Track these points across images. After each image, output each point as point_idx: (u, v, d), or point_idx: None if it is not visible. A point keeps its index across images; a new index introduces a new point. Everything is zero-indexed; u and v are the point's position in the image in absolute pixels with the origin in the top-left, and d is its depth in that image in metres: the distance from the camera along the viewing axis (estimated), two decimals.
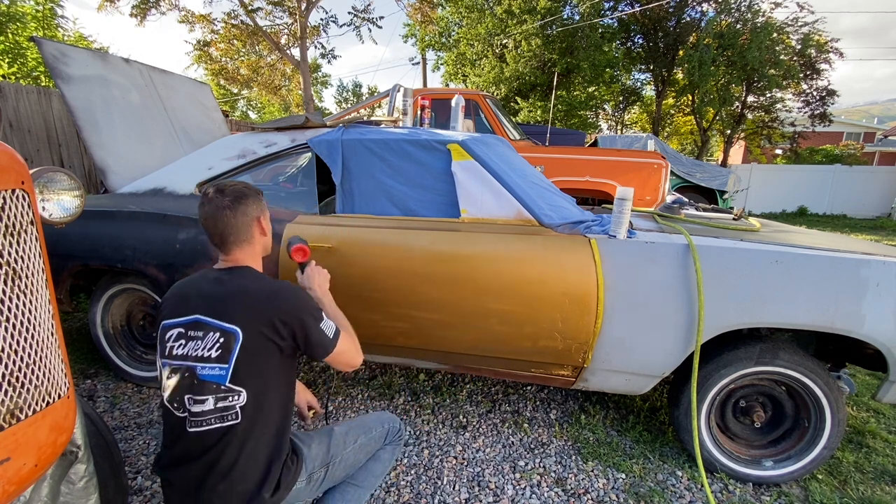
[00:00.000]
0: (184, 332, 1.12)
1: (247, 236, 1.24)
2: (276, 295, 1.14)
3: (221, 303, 1.11)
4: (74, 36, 11.71)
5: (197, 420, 1.07)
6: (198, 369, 1.08)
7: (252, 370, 1.09)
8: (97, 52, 2.80)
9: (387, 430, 1.39)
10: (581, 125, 16.09)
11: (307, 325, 1.14)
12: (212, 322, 1.10)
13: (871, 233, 9.40)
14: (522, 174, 2.07)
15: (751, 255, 1.63)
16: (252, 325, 1.09)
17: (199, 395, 1.07)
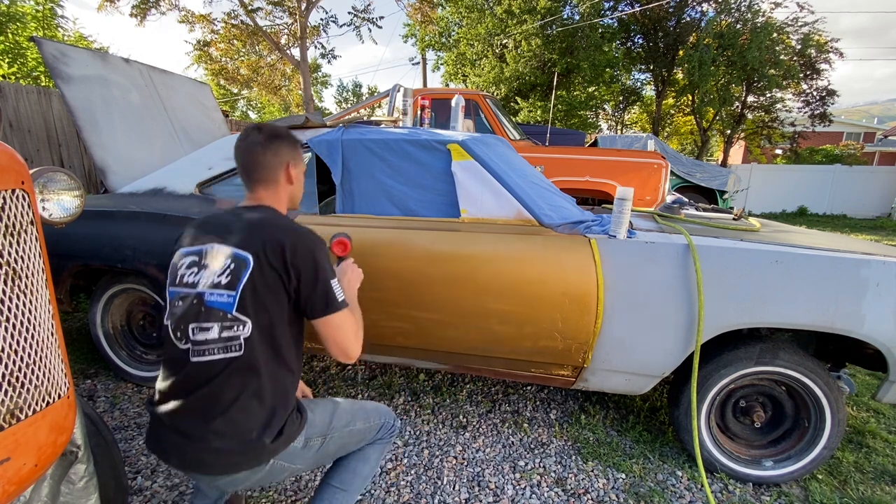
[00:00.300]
0: (197, 260, 1.11)
1: (272, 177, 1.22)
2: (294, 232, 1.11)
3: (237, 231, 1.10)
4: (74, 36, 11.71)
5: (200, 349, 1.05)
6: (206, 295, 1.07)
7: (258, 303, 1.06)
8: (97, 52, 2.80)
9: (381, 424, 1.33)
10: (581, 125, 16.10)
11: (318, 269, 1.09)
12: (224, 248, 1.09)
13: (871, 233, 9.40)
14: (522, 174, 2.07)
15: (751, 255, 1.63)
16: (264, 254, 1.06)
17: (205, 323, 1.05)
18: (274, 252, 1.06)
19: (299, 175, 1.29)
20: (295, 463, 1.14)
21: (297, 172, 1.28)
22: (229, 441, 1.03)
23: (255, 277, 1.05)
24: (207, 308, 1.06)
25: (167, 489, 1.68)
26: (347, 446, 1.26)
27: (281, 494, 1.67)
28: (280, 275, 1.07)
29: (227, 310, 1.05)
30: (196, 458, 1.04)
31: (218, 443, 1.02)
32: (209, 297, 1.06)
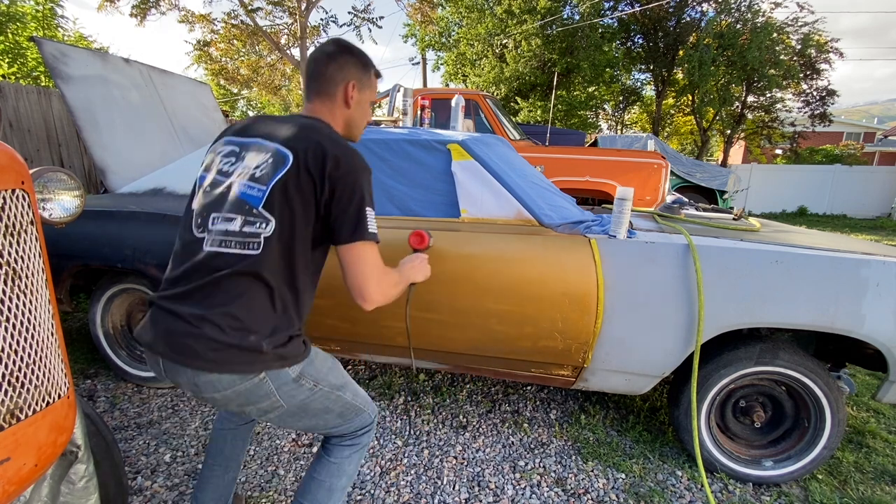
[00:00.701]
0: (237, 150, 1.09)
1: (329, 90, 1.15)
2: (341, 146, 1.05)
3: (286, 130, 1.07)
4: (74, 36, 11.71)
5: (217, 240, 1.02)
6: (236, 186, 1.04)
7: (286, 205, 1.01)
8: (97, 52, 2.80)
9: (365, 413, 1.23)
10: (581, 125, 16.09)
11: (355, 190, 1.02)
12: (268, 143, 1.05)
13: (871, 233, 9.40)
14: (522, 174, 2.07)
15: (751, 255, 1.63)
16: (304, 157, 1.01)
17: (229, 213, 1.02)
18: (315, 158, 1.01)
19: (361, 101, 1.20)
20: (279, 395, 1.04)
21: (359, 98, 1.19)
22: (225, 335, 0.97)
23: (289, 177, 1.01)
24: (236, 199, 1.03)
25: (167, 489, 1.68)
26: (327, 418, 1.15)
27: (281, 495, 1.67)
28: (315, 183, 1.01)
29: (253, 204, 1.01)
30: (184, 343, 0.97)
31: (213, 333, 0.96)
32: (240, 188, 1.04)
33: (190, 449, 1.91)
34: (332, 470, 1.21)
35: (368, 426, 1.26)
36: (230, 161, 1.09)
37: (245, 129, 1.14)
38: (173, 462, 1.83)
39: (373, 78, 1.22)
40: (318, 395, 1.11)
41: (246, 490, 1.68)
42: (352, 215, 1.03)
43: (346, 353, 2.09)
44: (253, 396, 1.03)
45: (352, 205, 1.03)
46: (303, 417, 1.12)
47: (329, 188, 1.01)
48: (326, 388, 1.13)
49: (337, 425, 1.19)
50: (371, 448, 1.94)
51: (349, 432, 1.22)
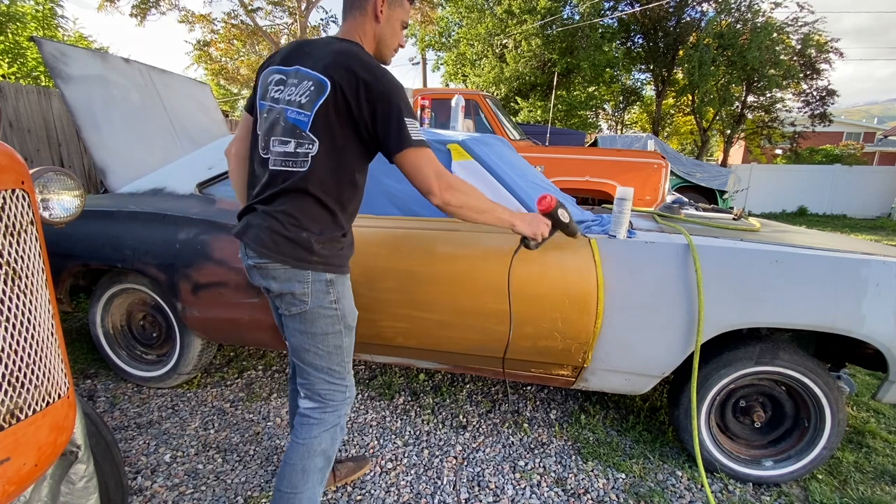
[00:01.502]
0: (284, 78, 1.21)
1: (361, 4, 1.23)
2: (372, 70, 1.13)
3: (322, 57, 1.16)
4: (74, 36, 11.71)
5: (278, 160, 1.19)
6: (287, 112, 1.18)
7: (329, 127, 1.15)
8: (97, 52, 2.80)
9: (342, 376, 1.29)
10: (581, 125, 16.09)
11: (391, 107, 1.12)
12: (309, 72, 1.16)
13: (871, 233, 9.40)
14: (522, 174, 2.07)
15: (751, 255, 1.63)
16: (340, 83, 1.12)
17: (283, 137, 1.18)
18: (350, 84, 1.11)
19: (391, 18, 1.26)
20: (311, 289, 1.20)
21: (389, 13, 1.25)
22: (284, 228, 1.17)
23: (329, 102, 1.13)
24: (287, 123, 1.17)
25: (167, 489, 1.68)
26: (318, 348, 1.25)
27: None
28: (351, 106, 1.13)
29: (302, 128, 1.16)
30: (256, 233, 1.21)
31: (275, 226, 1.18)
32: (289, 114, 1.17)
33: (190, 449, 1.91)
34: (302, 451, 1.26)
35: (338, 404, 1.30)
36: (280, 89, 1.21)
37: (288, 57, 1.24)
38: (173, 462, 1.83)
39: (406, 1, 1.29)
40: (331, 314, 1.24)
41: (246, 490, 1.69)
42: (393, 129, 1.13)
43: None
44: (293, 281, 1.20)
45: (391, 120, 1.13)
46: (308, 329, 1.24)
47: (369, 111, 1.13)
48: (339, 314, 1.26)
49: (317, 366, 1.27)
50: (371, 448, 1.94)
51: (316, 390, 1.28)
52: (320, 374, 1.27)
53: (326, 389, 1.28)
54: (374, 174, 1.96)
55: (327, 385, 1.28)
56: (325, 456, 1.28)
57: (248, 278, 1.34)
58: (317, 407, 1.28)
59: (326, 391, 1.28)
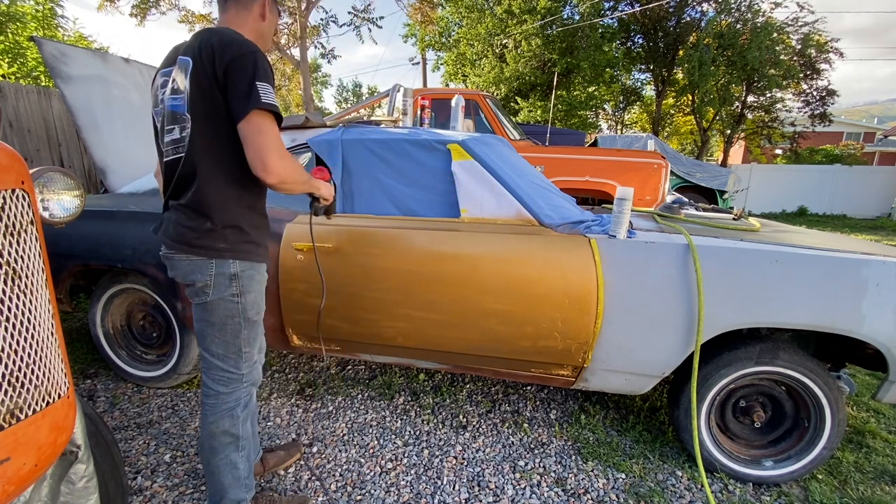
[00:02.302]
0: (167, 80, 1.25)
1: (243, 4, 1.28)
2: (228, 35, 1.15)
3: (191, 43, 1.19)
4: (74, 36, 11.70)
5: (168, 150, 1.24)
6: (167, 103, 1.23)
7: (199, 103, 1.16)
8: (97, 52, 2.80)
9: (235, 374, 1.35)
10: (581, 125, 16.08)
11: (243, 68, 1.11)
12: (181, 59, 1.19)
13: (871, 233, 9.40)
14: (522, 174, 2.07)
15: (751, 255, 1.63)
16: (199, 57, 1.14)
17: (169, 126, 1.23)
18: (208, 55, 1.13)
19: (270, 21, 1.35)
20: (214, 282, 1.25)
21: (271, 15, 1.35)
22: (188, 219, 1.22)
23: (195, 79, 1.15)
24: (169, 112, 1.22)
25: (167, 489, 1.68)
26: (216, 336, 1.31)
27: (281, 495, 1.67)
28: (210, 76, 1.13)
29: (180, 111, 1.19)
30: (166, 226, 1.27)
31: (181, 218, 1.23)
32: (169, 104, 1.22)
33: (190, 449, 1.91)
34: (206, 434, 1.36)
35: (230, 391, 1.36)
36: (164, 91, 1.26)
37: (168, 60, 1.29)
38: (173, 462, 1.83)
39: (276, 10, 1.38)
40: (232, 307, 1.29)
41: None
42: (242, 90, 1.12)
43: (346, 353, 2.09)
44: (196, 272, 1.25)
45: (242, 82, 1.12)
46: (208, 318, 1.30)
47: (222, 73, 1.13)
48: (240, 307, 1.30)
49: (213, 352, 1.33)
50: (371, 448, 1.94)
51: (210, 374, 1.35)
52: (215, 361, 1.34)
53: (219, 375, 1.35)
54: (374, 174, 1.96)
55: (221, 372, 1.35)
56: (229, 434, 1.37)
57: None
58: (210, 393, 1.36)
59: (219, 377, 1.35)
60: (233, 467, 1.38)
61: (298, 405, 2.25)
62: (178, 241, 1.24)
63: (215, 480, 1.39)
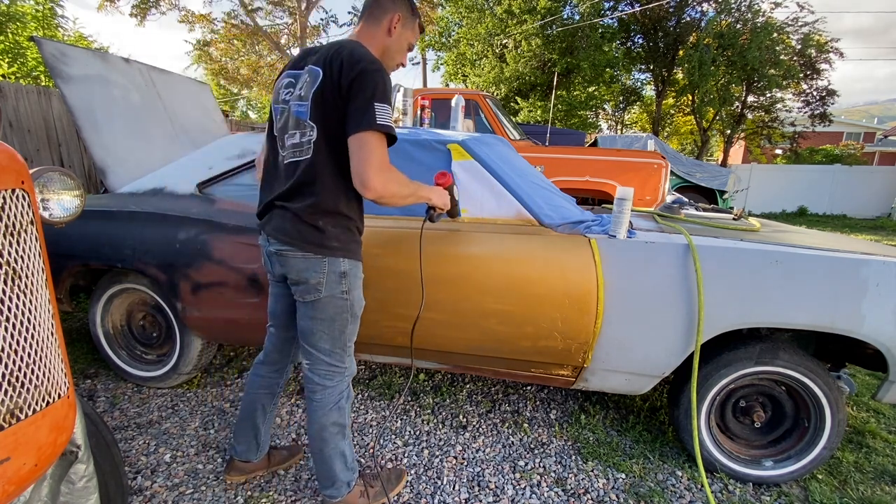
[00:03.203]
0: (293, 80, 1.31)
1: (375, 17, 1.33)
2: (359, 52, 1.21)
3: (323, 52, 1.26)
4: (74, 36, 11.70)
5: (288, 153, 1.29)
6: (292, 106, 1.28)
7: (324, 112, 1.22)
8: (97, 52, 2.80)
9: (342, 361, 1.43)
10: (581, 125, 16.08)
11: (364, 86, 1.16)
12: (310, 67, 1.26)
13: (871, 233, 9.40)
14: (522, 174, 2.07)
15: (751, 255, 1.63)
16: (329, 67, 1.20)
17: (292, 130, 1.28)
18: (338, 67, 1.19)
19: (401, 35, 1.37)
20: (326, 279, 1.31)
21: (402, 30, 1.36)
22: (303, 217, 1.27)
23: (321, 88, 1.21)
24: (293, 117, 1.28)
25: (167, 489, 1.68)
26: (323, 333, 1.37)
27: (281, 495, 1.67)
28: (336, 87, 1.19)
29: (303, 118, 1.25)
30: (278, 222, 1.31)
31: (294, 216, 1.28)
32: (293, 108, 1.28)
33: (190, 449, 1.91)
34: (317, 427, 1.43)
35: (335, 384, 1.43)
36: (289, 91, 1.32)
37: (296, 61, 1.35)
38: (173, 462, 1.83)
39: (417, 24, 1.41)
40: (341, 303, 1.36)
41: (246, 490, 1.69)
42: (360, 108, 1.17)
43: None
44: (310, 270, 1.30)
45: (362, 99, 1.17)
46: (318, 315, 1.35)
47: (346, 89, 1.18)
48: (349, 303, 1.37)
49: (321, 348, 1.39)
50: (371, 448, 1.94)
51: (317, 370, 1.41)
52: (322, 356, 1.40)
53: (326, 370, 1.42)
54: None
55: (327, 367, 1.41)
56: (336, 424, 1.44)
57: (268, 266, 1.44)
58: (318, 388, 1.42)
59: (325, 372, 1.42)
60: (341, 455, 1.48)
61: (298, 405, 2.25)
62: (293, 239, 1.28)
63: (327, 468, 1.47)
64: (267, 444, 1.71)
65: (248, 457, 1.67)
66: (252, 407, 1.62)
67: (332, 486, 1.50)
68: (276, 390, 1.64)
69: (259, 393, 1.62)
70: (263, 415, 1.64)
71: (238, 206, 2.08)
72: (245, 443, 1.65)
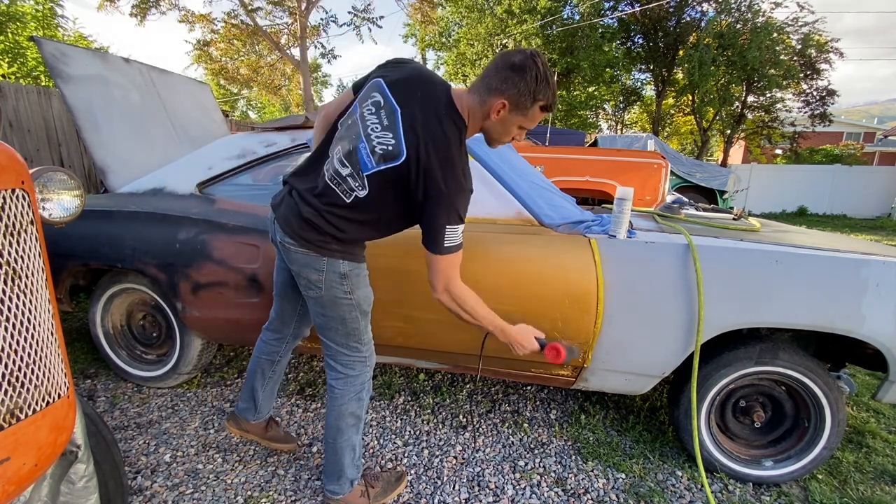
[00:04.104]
0: (381, 104, 1.22)
1: (483, 93, 1.18)
2: (448, 171, 1.16)
3: (419, 123, 1.17)
4: (74, 36, 11.71)
5: (331, 173, 1.27)
6: (360, 143, 1.22)
7: (383, 187, 1.21)
8: (97, 52, 2.80)
9: (360, 349, 1.45)
10: (581, 125, 16.10)
11: (440, 209, 1.17)
12: (399, 126, 1.18)
13: (871, 233, 9.40)
14: (522, 174, 2.07)
15: (751, 255, 1.63)
16: (413, 164, 1.16)
17: (346, 160, 1.24)
18: (420, 169, 1.15)
19: (506, 120, 1.20)
20: (325, 278, 1.31)
21: (507, 116, 1.19)
22: (311, 220, 1.27)
23: (394, 172, 1.18)
24: (355, 152, 1.23)
25: (167, 489, 1.68)
26: (338, 328, 1.39)
27: (281, 495, 1.67)
28: (411, 189, 1.18)
29: (363, 168, 1.21)
30: (286, 213, 1.33)
31: (305, 214, 1.28)
32: (360, 146, 1.22)
33: (190, 449, 1.91)
34: (335, 416, 1.46)
35: (357, 373, 1.46)
36: (372, 111, 1.23)
37: (399, 86, 1.23)
38: (173, 462, 1.83)
39: (535, 108, 1.19)
40: (346, 303, 1.36)
41: (246, 490, 1.69)
42: (431, 229, 1.20)
43: None
44: (310, 267, 1.31)
45: (435, 220, 1.18)
46: (327, 312, 1.38)
47: (422, 198, 1.18)
48: (354, 302, 1.37)
49: (337, 342, 1.42)
50: (371, 448, 1.94)
51: (338, 360, 1.44)
52: (340, 349, 1.44)
53: (346, 360, 1.45)
54: None
55: (346, 357, 1.45)
56: (354, 415, 1.47)
57: (272, 233, 1.44)
58: (339, 377, 1.46)
59: (347, 361, 1.45)
60: (352, 448, 1.50)
61: (298, 405, 2.26)
62: (294, 233, 1.30)
63: (337, 459, 1.49)
64: (265, 411, 1.78)
65: (246, 416, 1.77)
66: (254, 368, 1.71)
67: (337, 480, 1.52)
68: (275, 358, 1.70)
69: (261, 357, 1.70)
70: (262, 379, 1.71)
71: (238, 206, 2.08)
72: (246, 401, 1.76)
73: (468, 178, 1.21)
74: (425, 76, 1.26)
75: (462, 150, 1.22)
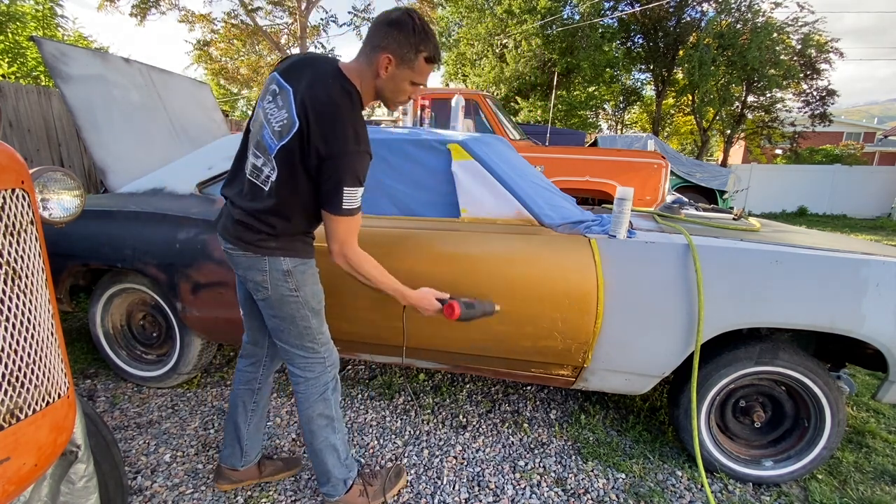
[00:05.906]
0: (277, 92, 1.25)
1: (366, 53, 1.22)
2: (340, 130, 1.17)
3: (308, 92, 1.19)
4: (74, 36, 11.70)
5: (250, 170, 1.31)
6: (265, 130, 1.27)
7: (289, 162, 1.22)
8: (97, 52, 2.80)
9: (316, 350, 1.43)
10: (581, 125, 16.08)
11: (337, 170, 1.18)
12: (291, 102, 1.21)
13: (871, 233, 9.40)
14: (522, 174, 2.07)
15: (751, 255, 1.63)
16: (306, 129, 1.17)
17: (258, 151, 1.28)
18: (314, 134, 1.17)
19: (396, 76, 1.23)
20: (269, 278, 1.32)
21: (395, 72, 1.22)
22: (245, 221, 1.30)
23: (292, 143, 1.20)
24: (262, 140, 1.27)
25: (167, 489, 1.68)
26: (290, 329, 1.39)
27: (281, 494, 1.67)
28: (308, 154, 1.19)
29: (270, 151, 1.24)
30: (224, 222, 1.37)
31: (238, 216, 1.31)
32: (265, 133, 1.26)
33: (190, 449, 1.91)
34: (304, 419, 1.46)
35: (317, 375, 1.45)
36: (271, 101, 1.27)
37: (289, 71, 1.27)
38: (173, 462, 1.83)
39: (419, 61, 1.22)
40: (294, 301, 1.35)
41: (246, 490, 1.68)
42: (329, 191, 1.21)
43: (347, 352, 2.09)
44: (253, 269, 1.32)
45: (330, 182, 1.20)
46: (277, 313, 1.37)
47: (316, 161, 1.20)
48: (301, 300, 1.36)
49: (292, 343, 1.41)
50: (371, 448, 1.94)
51: (296, 364, 1.44)
52: (295, 350, 1.43)
53: (304, 363, 1.44)
54: (374, 174, 1.96)
55: (304, 360, 1.44)
56: (323, 416, 1.46)
57: None
58: (300, 380, 1.45)
59: (304, 364, 1.44)
60: (333, 449, 1.49)
61: None
62: (233, 237, 1.33)
63: (320, 462, 1.49)
64: (253, 452, 1.65)
65: (233, 463, 1.63)
66: (234, 402, 1.62)
67: (327, 482, 1.51)
68: (254, 386, 1.61)
69: (239, 388, 1.61)
70: (245, 413, 1.60)
71: None
72: (229, 445, 1.62)
73: (363, 140, 1.20)
74: (313, 57, 1.31)
75: (355, 112, 1.21)
